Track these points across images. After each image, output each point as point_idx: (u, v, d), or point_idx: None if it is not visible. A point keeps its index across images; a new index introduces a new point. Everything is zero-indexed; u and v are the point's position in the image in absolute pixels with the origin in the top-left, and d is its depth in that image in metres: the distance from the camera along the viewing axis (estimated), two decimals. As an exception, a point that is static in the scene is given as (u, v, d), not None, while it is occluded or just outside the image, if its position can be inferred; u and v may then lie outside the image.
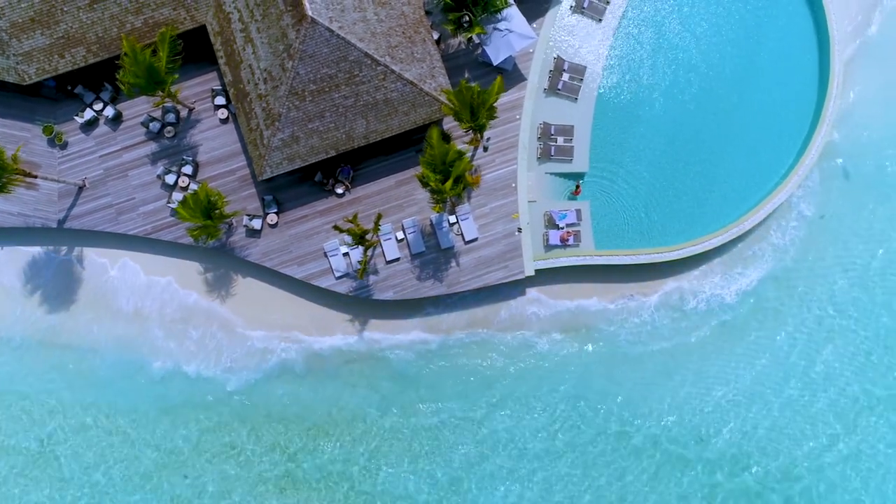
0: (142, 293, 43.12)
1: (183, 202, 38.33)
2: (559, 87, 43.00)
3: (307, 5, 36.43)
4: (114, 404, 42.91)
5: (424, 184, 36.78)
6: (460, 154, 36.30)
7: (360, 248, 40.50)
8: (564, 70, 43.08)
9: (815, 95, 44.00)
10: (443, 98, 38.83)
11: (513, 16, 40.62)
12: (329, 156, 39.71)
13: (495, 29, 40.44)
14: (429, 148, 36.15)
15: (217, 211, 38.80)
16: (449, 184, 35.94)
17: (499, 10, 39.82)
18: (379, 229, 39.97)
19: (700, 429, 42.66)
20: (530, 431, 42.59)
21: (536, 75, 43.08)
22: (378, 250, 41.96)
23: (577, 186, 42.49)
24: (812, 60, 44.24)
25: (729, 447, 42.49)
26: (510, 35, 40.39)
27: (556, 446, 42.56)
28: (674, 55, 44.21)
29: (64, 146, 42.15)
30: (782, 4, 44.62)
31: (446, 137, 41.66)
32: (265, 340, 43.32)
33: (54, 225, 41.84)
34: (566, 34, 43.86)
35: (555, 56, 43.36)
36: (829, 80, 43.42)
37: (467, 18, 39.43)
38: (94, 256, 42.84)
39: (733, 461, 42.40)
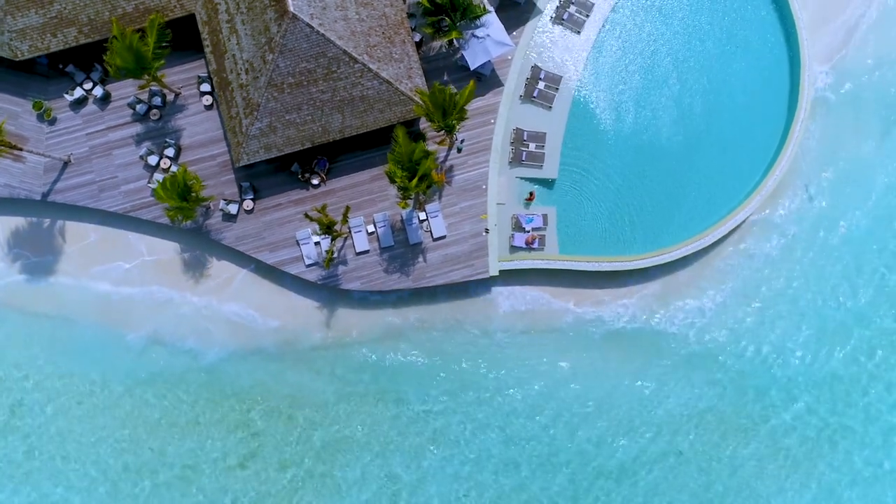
0: (120, 269, 44.45)
1: (161, 184, 39.78)
2: (535, 94, 44.28)
3: (289, 2, 37.82)
4: (86, 374, 44.15)
5: (392, 180, 38.11)
6: (426, 153, 37.62)
7: (329, 238, 41.82)
8: (541, 79, 44.35)
9: (783, 118, 45.13)
10: (417, 98, 40.13)
11: (491, 23, 41.91)
12: (305, 147, 41.09)
13: (473, 35, 41.75)
14: (396, 145, 37.49)
15: (193, 194, 40.21)
16: (414, 181, 37.26)
17: (477, 17, 41.13)
18: (347, 221, 41.31)
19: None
20: (484, 425, 43.84)
21: (513, 82, 44.36)
22: (348, 241, 43.31)
23: (531, 193, 43.67)
24: (783, 83, 45.39)
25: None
26: (488, 41, 41.68)
27: (511, 449, 43.89)
28: (649, 71, 45.45)
29: (52, 122, 43.64)
30: (757, 27, 45.75)
31: (421, 137, 42.99)
32: (238, 321, 44.52)
33: (38, 197, 43.33)
34: (545, 44, 45.14)
35: (532, 64, 44.61)
36: (798, 103, 44.55)
37: (446, 22, 40.70)
38: (74, 230, 44.21)
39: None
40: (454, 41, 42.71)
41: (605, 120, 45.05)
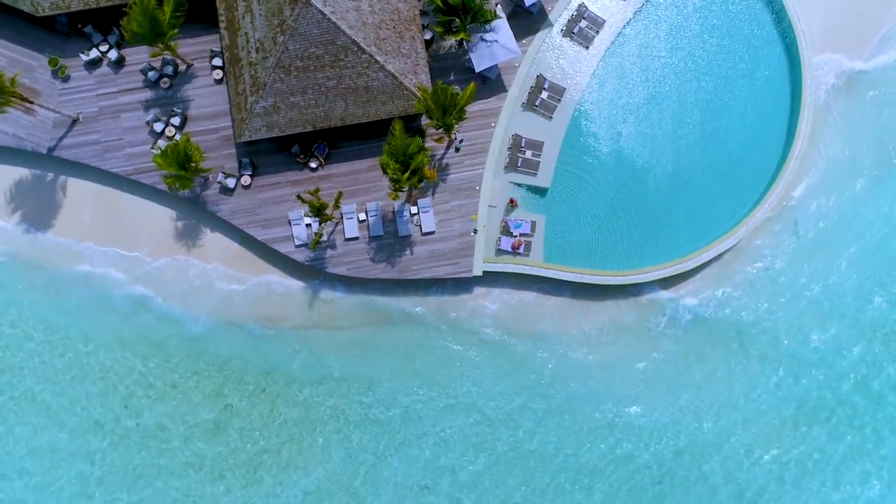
0: (116, 231, 45.50)
1: (163, 151, 40.83)
2: (537, 103, 45.05)
3: (304, -13, 38.82)
4: (72, 325, 45.17)
5: (384, 170, 39.00)
6: (421, 148, 38.48)
7: (318, 221, 42.72)
8: (545, 88, 45.11)
9: (779, 152, 45.69)
10: (419, 94, 40.97)
11: (501, 28, 42.73)
12: (306, 130, 42.06)
13: (482, 38, 42.57)
14: (392, 138, 38.38)
15: (192, 164, 41.24)
16: (406, 175, 38.13)
17: (487, 21, 41.94)
18: (339, 207, 42.23)
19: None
20: (450, 408, 44.94)
21: (517, 88, 45.16)
22: (339, 227, 44.22)
23: (512, 200, 44.44)
24: (783, 118, 45.94)
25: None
26: (495, 46, 42.50)
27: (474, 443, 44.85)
28: (652, 93, 46.11)
29: (66, 79, 44.77)
30: (766, 60, 46.34)
31: (421, 133, 43.84)
32: (224, 293, 45.46)
33: (44, 151, 44.47)
34: (553, 55, 45.87)
35: (538, 74, 45.37)
36: (795, 139, 45.11)
37: (456, 23, 41.54)
38: (75, 187, 45.32)
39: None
40: (463, 42, 43.54)
41: (603, 136, 45.76)
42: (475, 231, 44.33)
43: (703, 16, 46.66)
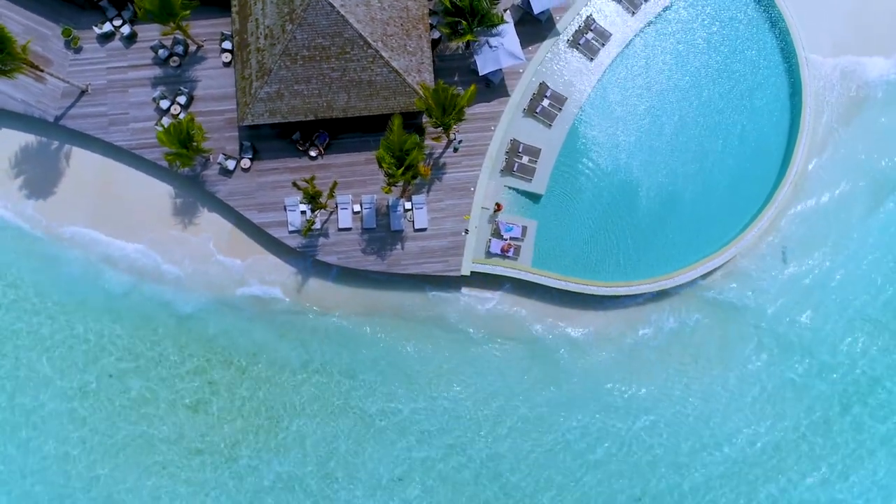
0: (116, 204, 46.20)
1: (165, 128, 41.57)
2: (538, 110, 45.60)
3: (316, -22, 39.48)
4: (64, 293, 45.93)
5: (380, 164, 39.63)
6: (417, 145, 39.09)
7: (311, 208, 43.36)
8: (546, 96, 45.66)
9: (774, 176, 46.16)
10: (420, 91, 41.58)
11: (507, 33, 43.30)
12: (307, 119, 42.72)
13: (487, 42, 43.14)
14: (389, 133, 39.02)
15: (194, 143, 41.96)
16: (401, 170, 38.75)
17: (494, 25, 42.51)
18: (333, 196, 42.88)
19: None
20: (434, 414, 45.62)
21: (519, 94, 45.72)
22: (333, 217, 44.88)
23: (497, 205, 44.97)
24: (781, 142, 46.45)
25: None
26: (500, 51, 43.07)
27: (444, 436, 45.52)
28: (652, 109, 46.67)
29: (78, 50, 45.57)
30: (767, 83, 46.82)
31: (421, 130, 44.45)
32: (216, 273, 46.14)
33: (51, 119, 45.27)
34: (557, 64, 46.42)
35: (541, 81, 45.92)
36: (791, 164, 45.58)
37: (462, 25, 42.12)
38: (78, 157, 46.10)
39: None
40: (470, 45, 44.11)
41: (600, 148, 46.32)
42: (466, 231, 44.92)
43: (709, 37, 47.20)
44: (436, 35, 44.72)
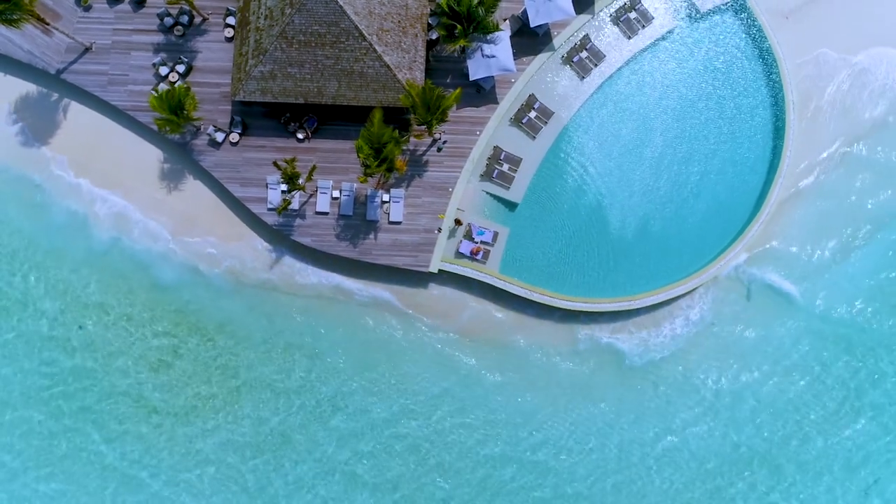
0: (106, 162, 47.36)
1: (159, 94, 42.75)
2: (524, 121, 46.51)
3: (318, -33, 40.54)
4: (46, 242, 47.28)
5: (358, 154, 40.66)
6: (394, 139, 40.09)
7: (288, 188, 44.41)
8: (534, 108, 46.57)
9: (746, 214, 46.88)
10: (408, 89, 42.55)
11: (502, 41, 44.21)
12: (298, 102, 43.79)
13: (481, 48, 44.06)
14: (370, 125, 40.04)
15: (184, 112, 43.11)
16: (376, 162, 39.77)
17: (489, 33, 43.42)
18: (311, 179, 43.93)
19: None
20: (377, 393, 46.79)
21: (508, 103, 46.65)
22: (312, 200, 45.93)
23: (458, 220, 45.79)
24: (758, 182, 47.13)
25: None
26: (492, 59, 43.99)
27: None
28: (636, 133, 47.52)
29: (87, 9, 46.85)
30: (753, 124, 47.58)
31: (406, 126, 45.43)
32: (193, 240, 47.22)
33: (52, 72, 46.57)
34: (549, 78, 47.32)
35: (531, 93, 46.80)
36: (763, 205, 46.29)
37: (458, 29, 43.06)
38: (74, 112, 47.37)
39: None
40: (465, 49, 45.05)
41: (580, 166, 47.16)
42: (439, 230, 45.89)
43: (700, 68, 48.01)
44: (434, 36, 45.70)
